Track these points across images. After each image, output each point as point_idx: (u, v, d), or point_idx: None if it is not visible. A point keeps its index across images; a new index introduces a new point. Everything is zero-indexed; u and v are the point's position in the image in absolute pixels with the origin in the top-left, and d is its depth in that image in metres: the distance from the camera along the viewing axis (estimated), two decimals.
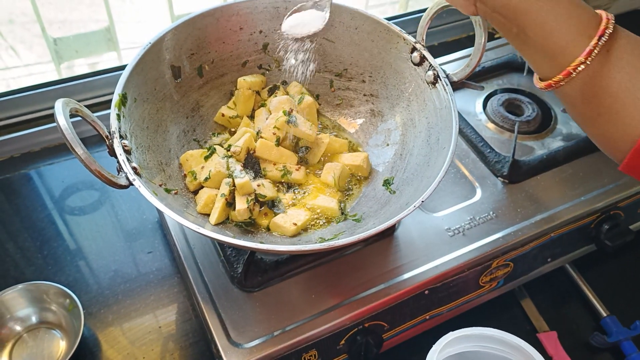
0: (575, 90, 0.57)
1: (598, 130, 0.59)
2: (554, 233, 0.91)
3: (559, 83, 0.57)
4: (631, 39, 0.55)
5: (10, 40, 1.29)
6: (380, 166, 0.86)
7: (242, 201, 0.76)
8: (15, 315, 0.85)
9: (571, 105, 0.60)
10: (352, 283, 0.80)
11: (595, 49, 0.53)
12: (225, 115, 0.88)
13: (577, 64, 0.54)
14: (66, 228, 1.01)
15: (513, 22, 0.57)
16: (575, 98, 0.58)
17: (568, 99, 0.59)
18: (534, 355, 0.65)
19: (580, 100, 0.57)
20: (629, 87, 0.54)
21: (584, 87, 0.56)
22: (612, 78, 0.54)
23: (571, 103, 0.59)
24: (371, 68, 0.89)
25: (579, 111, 0.59)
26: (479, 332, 0.68)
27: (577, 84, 0.56)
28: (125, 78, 0.73)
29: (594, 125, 0.58)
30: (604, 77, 0.54)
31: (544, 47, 0.56)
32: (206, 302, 0.77)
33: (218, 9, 0.84)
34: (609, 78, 0.54)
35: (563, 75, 0.56)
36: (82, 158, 0.61)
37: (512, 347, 0.68)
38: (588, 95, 0.56)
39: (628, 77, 0.54)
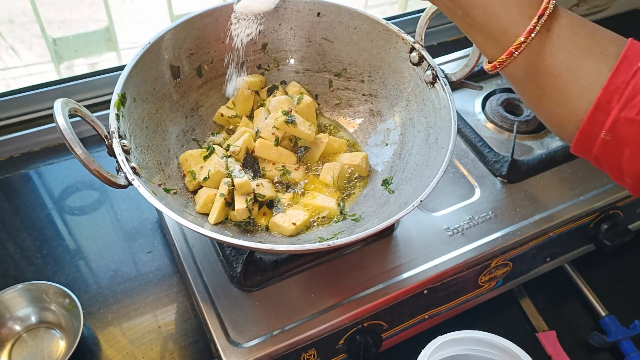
0: (519, 71, 0.57)
1: (545, 111, 0.59)
2: (553, 233, 0.91)
3: (502, 64, 0.57)
4: (573, 19, 0.55)
5: (10, 40, 1.29)
6: (379, 166, 0.86)
7: (241, 201, 0.76)
8: (15, 315, 0.85)
9: (518, 86, 0.60)
10: (351, 282, 0.80)
11: (535, 28, 0.54)
12: (224, 115, 0.88)
13: (518, 43, 0.55)
14: (66, 228, 1.01)
15: (457, 5, 0.58)
16: (520, 78, 0.58)
17: (514, 80, 0.59)
18: (523, 358, 0.65)
19: (525, 80, 0.58)
20: (570, 66, 0.54)
21: (527, 67, 0.56)
22: (554, 57, 0.54)
23: (517, 84, 0.60)
24: (370, 68, 0.89)
25: (525, 91, 0.60)
26: (469, 335, 0.68)
27: (520, 64, 0.56)
28: (125, 78, 0.73)
29: (541, 106, 0.59)
30: (545, 56, 0.55)
31: (488, 29, 0.57)
32: (205, 302, 0.77)
33: (217, 8, 0.84)
34: (550, 57, 0.55)
35: (506, 56, 0.56)
36: (81, 158, 0.61)
37: (501, 350, 0.68)
38: (532, 74, 0.56)
39: (570, 55, 0.54)
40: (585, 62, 0.54)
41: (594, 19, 1.53)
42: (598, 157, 0.56)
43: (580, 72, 0.54)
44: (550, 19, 0.54)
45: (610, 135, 0.53)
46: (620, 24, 1.54)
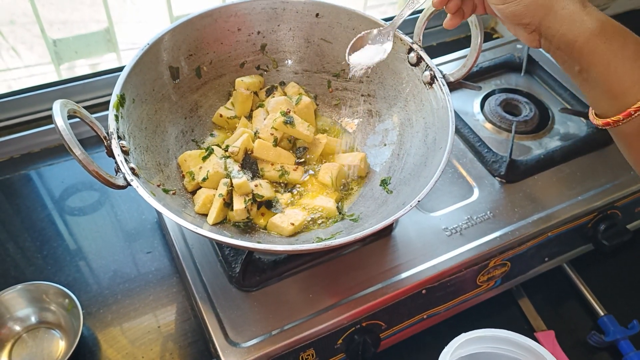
0: (633, 130, 0.58)
1: None
2: (551, 232, 0.91)
3: (617, 122, 0.57)
4: None
5: (11, 41, 1.29)
6: (378, 166, 0.86)
7: (240, 201, 0.76)
8: (15, 315, 0.85)
9: (627, 144, 0.61)
10: (349, 282, 0.80)
11: None
12: (223, 116, 0.88)
13: (639, 106, 0.55)
14: (66, 228, 1.01)
15: (576, 61, 0.58)
16: (632, 137, 0.59)
17: (625, 138, 0.60)
18: (546, 357, 0.65)
19: (636, 139, 0.58)
20: None
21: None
22: None
23: (627, 142, 0.60)
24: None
25: (634, 149, 0.60)
26: (491, 333, 0.68)
27: (635, 124, 0.57)
28: (124, 79, 0.74)
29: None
30: None
31: (607, 87, 0.57)
32: (204, 302, 0.78)
33: (216, 10, 0.85)
34: None
35: (623, 116, 0.56)
36: (80, 159, 0.61)
37: (524, 349, 0.68)
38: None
39: None
40: None
41: None
42: None
43: None
44: None
45: None
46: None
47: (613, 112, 0.58)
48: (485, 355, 0.70)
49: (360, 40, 0.79)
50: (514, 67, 1.17)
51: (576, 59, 0.58)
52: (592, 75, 0.57)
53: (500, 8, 0.61)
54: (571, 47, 0.57)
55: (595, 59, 0.56)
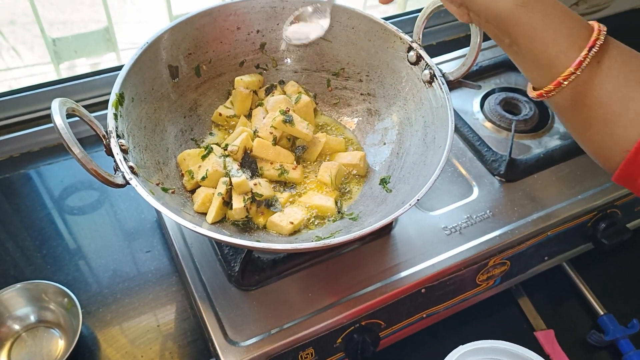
0: (566, 100, 0.57)
1: (590, 141, 0.59)
2: (551, 232, 0.91)
3: (549, 93, 0.57)
4: (622, 50, 0.55)
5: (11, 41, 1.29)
6: (377, 165, 0.86)
7: (239, 200, 0.76)
8: (14, 314, 0.85)
9: (563, 115, 0.60)
10: (349, 281, 0.80)
11: (585, 60, 0.54)
12: (222, 115, 0.88)
13: (567, 74, 0.55)
14: (65, 227, 1.01)
15: (505, 33, 0.58)
16: (567, 108, 0.58)
17: (559, 109, 0.59)
18: None
19: (571, 110, 0.58)
20: (619, 97, 0.54)
21: (575, 97, 0.56)
22: (603, 88, 0.54)
23: (563, 113, 0.60)
24: (368, 67, 0.89)
25: (571, 121, 0.59)
26: (490, 345, 0.68)
27: (568, 94, 0.56)
28: (123, 78, 0.74)
29: (586, 136, 0.59)
30: (594, 87, 0.55)
31: (536, 57, 0.57)
32: (203, 301, 0.78)
33: (215, 8, 0.85)
34: (599, 88, 0.55)
35: (554, 86, 0.56)
36: (79, 157, 0.61)
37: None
38: (579, 105, 0.56)
39: (619, 87, 0.54)
40: (635, 94, 0.53)
41: (592, 18, 1.53)
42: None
43: (630, 104, 0.53)
44: (600, 51, 0.54)
45: None
46: (619, 23, 1.54)
47: (545, 82, 0.57)
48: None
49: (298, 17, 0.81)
50: (513, 66, 1.15)
51: (504, 31, 0.58)
52: (521, 46, 0.57)
53: None
54: (497, 19, 0.57)
55: (521, 30, 0.56)
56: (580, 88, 0.55)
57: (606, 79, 0.54)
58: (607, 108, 0.55)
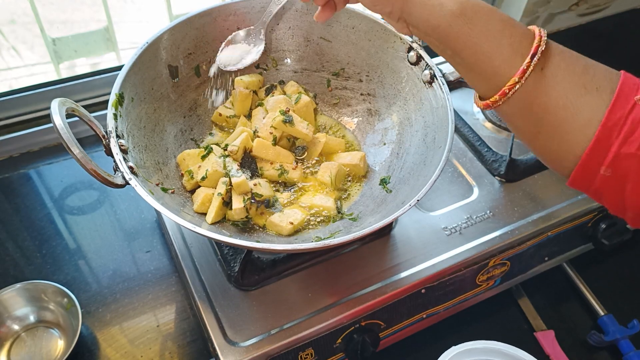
0: (513, 109, 0.56)
1: (541, 147, 0.58)
2: (551, 232, 0.91)
3: (496, 103, 0.56)
4: (565, 55, 0.55)
5: (12, 41, 1.30)
6: (377, 165, 0.86)
7: (239, 200, 0.76)
8: (14, 315, 0.85)
9: (511, 123, 0.59)
10: (348, 282, 0.80)
11: (529, 68, 0.53)
12: (222, 115, 0.88)
13: (512, 84, 0.54)
14: (65, 227, 1.01)
15: (446, 45, 0.57)
16: (514, 116, 0.57)
17: (508, 118, 0.59)
18: None
19: (519, 118, 0.57)
20: (565, 103, 0.53)
21: (521, 106, 0.55)
22: (549, 95, 0.54)
23: (511, 121, 0.59)
24: (368, 67, 0.89)
25: (520, 128, 0.59)
26: (482, 345, 0.68)
27: (514, 103, 0.56)
28: (122, 78, 0.74)
29: (536, 143, 0.58)
30: (540, 94, 0.54)
31: (479, 68, 0.56)
32: (203, 301, 0.77)
33: (215, 8, 0.84)
34: (545, 95, 0.54)
35: (499, 96, 0.55)
36: (78, 157, 0.61)
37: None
38: (526, 113, 0.56)
39: (564, 93, 0.53)
40: (581, 99, 0.53)
41: (593, 19, 1.53)
42: (598, 192, 0.55)
43: (577, 109, 0.53)
44: (543, 57, 0.53)
45: (610, 170, 0.52)
46: (619, 23, 1.54)
47: (492, 93, 0.56)
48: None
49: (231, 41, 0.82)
50: None
51: (445, 43, 0.57)
52: (463, 58, 0.56)
53: None
54: (437, 31, 0.56)
55: (462, 42, 0.55)
56: (526, 96, 0.55)
57: (551, 85, 0.53)
58: (555, 115, 0.54)
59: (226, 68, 0.84)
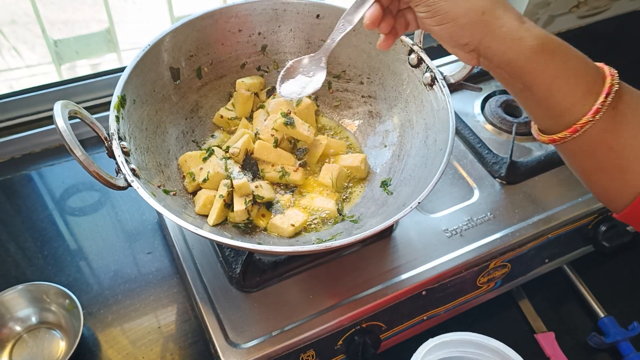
0: (578, 146, 0.57)
1: (598, 183, 0.59)
2: (552, 234, 0.91)
3: (564, 139, 0.57)
4: (634, 95, 0.55)
5: (12, 41, 1.30)
6: (378, 167, 0.86)
7: (240, 202, 0.76)
8: (16, 316, 0.86)
9: (572, 159, 0.60)
10: (350, 284, 0.80)
11: (603, 107, 0.53)
12: (224, 117, 0.89)
13: (584, 122, 0.54)
14: (67, 229, 1.01)
15: (517, 79, 0.57)
16: (578, 153, 0.58)
17: (570, 153, 0.59)
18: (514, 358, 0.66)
19: (582, 155, 0.58)
20: (633, 144, 0.54)
21: (588, 144, 0.56)
22: (618, 135, 0.54)
23: (572, 157, 0.60)
24: (369, 70, 0.89)
25: (579, 164, 0.60)
26: (461, 337, 0.69)
27: (582, 141, 0.56)
28: (124, 80, 0.74)
29: (594, 179, 0.59)
30: (609, 134, 0.54)
31: (550, 104, 0.56)
32: (204, 303, 0.78)
33: (217, 10, 0.85)
34: (614, 134, 0.54)
35: (569, 132, 0.56)
36: (80, 159, 0.61)
37: (494, 352, 0.69)
38: (591, 150, 0.56)
39: (633, 133, 0.54)
40: None
41: (594, 21, 1.53)
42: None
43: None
44: (616, 97, 0.54)
45: None
46: (620, 25, 1.54)
47: (557, 128, 0.57)
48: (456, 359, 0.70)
49: (292, 69, 0.75)
50: None
51: (518, 77, 0.56)
52: (535, 93, 0.56)
53: (436, 30, 0.59)
54: (512, 65, 0.56)
55: (538, 78, 0.55)
56: (595, 135, 0.55)
57: (621, 125, 0.54)
58: (620, 154, 0.55)
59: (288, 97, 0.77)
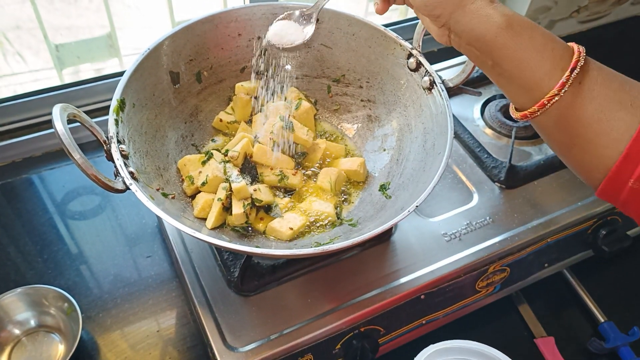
0: (549, 120, 0.58)
1: (573, 158, 0.60)
2: (551, 238, 0.91)
3: (534, 114, 0.58)
4: (602, 71, 0.57)
5: (17, 46, 1.30)
6: (377, 171, 0.87)
7: (239, 206, 0.76)
8: (14, 319, 0.85)
9: (546, 134, 0.61)
10: (348, 287, 0.80)
11: (568, 81, 0.55)
12: (223, 121, 0.89)
13: (550, 95, 0.56)
14: (66, 232, 1.01)
15: (488, 56, 0.59)
16: (550, 127, 0.59)
17: (543, 129, 0.61)
18: None
19: (555, 130, 0.59)
20: (600, 117, 0.55)
21: (558, 118, 0.57)
22: (585, 109, 0.56)
23: (546, 132, 0.61)
24: (368, 74, 0.89)
25: (554, 140, 0.61)
26: (459, 345, 0.69)
27: (551, 115, 0.57)
28: (124, 84, 0.74)
29: (569, 154, 0.60)
30: (576, 107, 0.56)
31: (520, 79, 0.58)
32: (203, 306, 0.78)
33: (217, 15, 0.85)
34: (581, 109, 0.56)
35: (538, 107, 0.57)
36: (79, 163, 0.61)
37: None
38: (562, 125, 0.58)
39: (600, 107, 0.55)
40: (615, 114, 0.55)
41: (594, 26, 1.54)
42: (625, 204, 0.57)
43: (611, 124, 0.55)
44: (582, 72, 0.55)
45: (639, 184, 0.54)
46: (620, 30, 1.54)
47: (530, 104, 0.58)
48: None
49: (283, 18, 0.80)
50: None
51: (487, 54, 0.59)
52: (505, 69, 0.58)
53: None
54: (481, 41, 0.58)
55: (506, 53, 0.57)
56: (563, 109, 0.56)
57: (588, 99, 0.55)
58: (589, 128, 0.56)
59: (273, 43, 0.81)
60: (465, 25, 0.59)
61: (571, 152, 0.59)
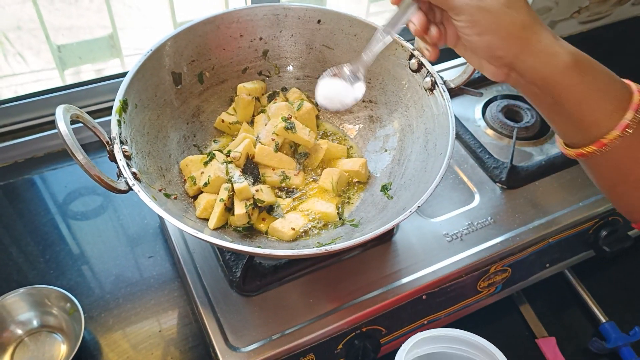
0: (604, 160, 0.58)
1: (621, 195, 0.61)
2: (552, 239, 0.91)
3: (592, 154, 0.58)
4: None
5: (18, 47, 1.30)
6: (378, 171, 0.87)
7: (241, 206, 0.76)
8: (17, 319, 0.86)
9: (597, 171, 0.61)
10: (350, 287, 0.81)
11: (632, 123, 0.55)
12: (225, 121, 0.89)
13: (613, 137, 0.55)
14: (69, 232, 1.02)
15: (549, 94, 0.57)
16: (603, 166, 0.59)
17: (594, 166, 0.61)
18: (498, 357, 0.66)
19: (607, 168, 0.59)
20: None
21: (614, 157, 0.57)
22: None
23: (596, 170, 0.61)
24: (370, 74, 0.89)
25: (604, 177, 0.61)
26: (446, 333, 0.69)
27: (608, 154, 0.57)
28: (126, 84, 0.74)
29: (618, 190, 0.61)
30: (634, 148, 0.56)
31: (579, 119, 0.57)
32: (205, 306, 0.78)
33: (219, 16, 0.85)
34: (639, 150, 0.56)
35: (596, 147, 0.57)
36: (82, 163, 0.62)
37: (478, 349, 0.69)
38: (617, 164, 0.58)
39: None
40: None
41: (595, 26, 1.54)
42: None
43: None
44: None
45: None
46: (621, 31, 1.55)
47: (583, 142, 0.58)
48: (442, 354, 0.71)
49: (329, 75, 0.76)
50: None
51: (549, 93, 0.57)
52: (565, 107, 0.57)
53: (475, 40, 0.58)
54: (546, 81, 0.57)
55: (570, 93, 0.56)
56: (621, 149, 0.56)
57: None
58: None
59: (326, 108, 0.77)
60: (531, 66, 0.57)
61: (617, 188, 0.60)
